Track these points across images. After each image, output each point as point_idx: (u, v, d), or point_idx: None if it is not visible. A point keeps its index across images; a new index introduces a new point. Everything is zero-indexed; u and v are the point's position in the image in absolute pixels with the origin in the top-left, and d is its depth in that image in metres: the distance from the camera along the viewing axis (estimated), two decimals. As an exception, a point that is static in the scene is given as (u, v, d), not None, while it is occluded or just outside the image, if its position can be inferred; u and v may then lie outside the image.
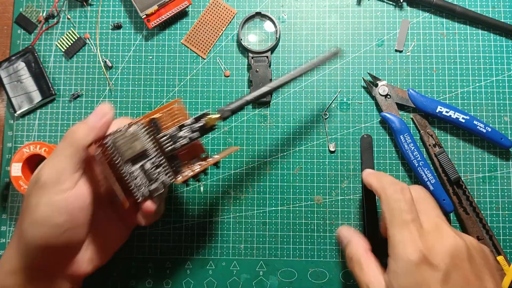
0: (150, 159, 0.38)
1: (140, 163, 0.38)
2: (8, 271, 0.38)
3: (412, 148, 0.47)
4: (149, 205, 0.39)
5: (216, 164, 0.40)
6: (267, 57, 0.50)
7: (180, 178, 0.38)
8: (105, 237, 0.42)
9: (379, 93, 0.49)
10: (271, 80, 0.50)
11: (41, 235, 0.36)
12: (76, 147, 0.36)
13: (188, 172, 0.39)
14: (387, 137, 0.50)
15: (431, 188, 0.46)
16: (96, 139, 0.37)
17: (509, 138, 0.48)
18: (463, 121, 0.48)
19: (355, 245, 0.40)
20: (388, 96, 0.49)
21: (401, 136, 0.47)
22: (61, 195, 0.36)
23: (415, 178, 0.48)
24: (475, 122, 0.47)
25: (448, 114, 0.48)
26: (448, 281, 0.32)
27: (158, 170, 0.39)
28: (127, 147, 0.37)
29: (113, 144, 0.37)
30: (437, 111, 0.48)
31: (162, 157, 0.39)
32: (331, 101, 0.50)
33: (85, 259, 0.41)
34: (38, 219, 0.35)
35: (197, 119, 0.39)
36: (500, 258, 0.45)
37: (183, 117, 0.40)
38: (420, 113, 0.49)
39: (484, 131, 0.47)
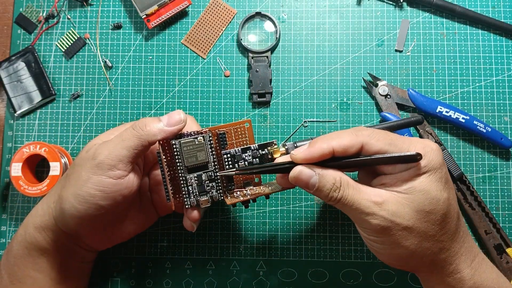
0: (208, 171, 0.39)
1: (198, 173, 0.39)
2: (39, 226, 0.40)
3: None
4: (195, 214, 0.40)
5: (267, 196, 0.40)
6: (267, 57, 0.50)
7: (229, 199, 0.39)
8: (132, 221, 0.43)
9: (379, 93, 0.49)
10: (270, 80, 0.50)
11: (80, 209, 0.37)
12: (142, 141, 0.37)
13: (238, 195, 0.39)
14: (387, 137, 0.50)
15: None
16: (162, 140, 0.38)
17: (509, 138, 0.48)
18: (463, 121, 0.48)
19: (331, 173, 0.34)
20: (388, 96, 0.49)
21: None
22: (112, 180, 0.37)
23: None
24: (475, 122, 0.47)
25: (448, 114, 0.48)
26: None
27: (211, 184, 0.39)
28: (192, 155, 0.38)
29: (180, 148, 0.38)
30: (437, 111, 0.48)
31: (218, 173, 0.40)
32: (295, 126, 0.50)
33: (107, 236, 0.43)
34: (83, 194, 0.37)
35: (261, 147, 0.39)
36: (510, 250, 0.46)
37: (248, 139, 0.41)
38: (419, 113, 0.49)
39: (484, 131, 0.47)
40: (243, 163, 0.39)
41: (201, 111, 0.51)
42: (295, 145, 0.38)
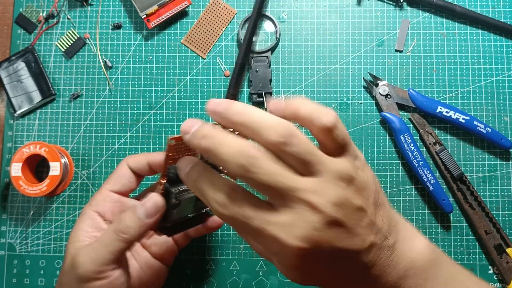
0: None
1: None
2: None
3: (412, 148, 0.47)
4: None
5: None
6: (267, 57, 0.50)
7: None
8: None
9: (380, 93, 0.49)
10: (270, 80, 0.50)
11: None
12: (126, 243, 0.34)
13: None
14: (387, 137, 0.50)
15: (431, 188, 0.46)
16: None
17: (509, 138, 0.48)
18: (463, 121, 0.48)
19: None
20: (389, 96, 0.49)
21: (401, 136, 0.47)
22: (103, 283, 0.35)
23: (415, 178, 0.48)
24: (475, 123, 0.47)
25: (448, 115, 0.48)
26: None
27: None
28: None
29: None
30: (437, 111, 0.48)
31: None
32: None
33: None
34: None
35: None
36: (510, 250, 0.46)
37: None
38: (420, 113, 0.49)
39: (484, 131, 0.47)
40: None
41: (201, 111, 0.51)
42: None
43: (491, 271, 0.47)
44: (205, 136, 0.28)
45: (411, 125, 0.49)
